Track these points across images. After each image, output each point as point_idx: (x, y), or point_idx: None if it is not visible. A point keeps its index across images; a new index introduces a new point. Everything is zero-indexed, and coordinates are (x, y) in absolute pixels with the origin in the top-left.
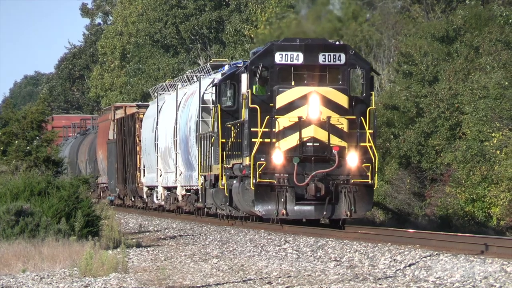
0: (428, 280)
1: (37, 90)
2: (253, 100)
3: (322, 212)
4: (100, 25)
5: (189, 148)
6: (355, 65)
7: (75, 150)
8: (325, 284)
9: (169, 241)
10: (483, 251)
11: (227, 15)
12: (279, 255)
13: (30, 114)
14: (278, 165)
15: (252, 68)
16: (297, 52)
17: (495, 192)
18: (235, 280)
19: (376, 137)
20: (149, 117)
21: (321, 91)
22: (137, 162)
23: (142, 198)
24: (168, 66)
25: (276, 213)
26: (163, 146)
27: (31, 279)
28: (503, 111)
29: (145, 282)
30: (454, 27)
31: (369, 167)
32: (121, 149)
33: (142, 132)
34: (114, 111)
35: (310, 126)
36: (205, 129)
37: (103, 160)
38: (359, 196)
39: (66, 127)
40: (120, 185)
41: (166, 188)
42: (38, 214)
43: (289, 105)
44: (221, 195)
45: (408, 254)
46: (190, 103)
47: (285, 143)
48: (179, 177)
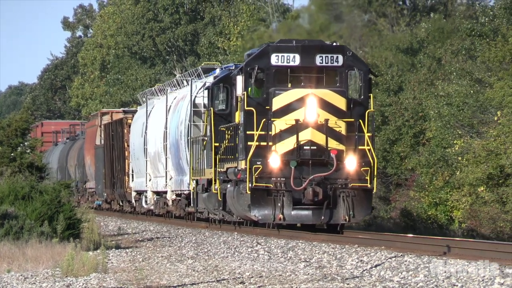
0: (393, 280)
1: (21, 100)
2: (249, 102)
3: (320, 217)
4: (80, 37)
5: (180, 152)
6: (353, 66)
7: (64, 155)
8: (295, 284)
9: (146, 243)
10: (446, 252)
11: (201, 28)
12: (251, 256)
13: (14, 122)
14: (274, 169)
15: (248, 70)
16: (294, 53)
17: (457, 196)
18: (209, 280)
19: (374, 140)
20: (138, 122)
21: (319, 93)
22: (126, 167)
23: (131, 202)
24: (145, 77)
25: (273, 218)
26: (153, 151)
27: (15, 279)
28: (465, 119)
29: (124, 282)
30: (418, 39)
31: (368, 170)
32: (108, 154)
33: (131, 137)
34: (101, 117)
35: (308, 129)
36: (196, 133)
37: (90, 165)
38: (357, 200)
39: (55, 133)
40: (108, 189)
41: (155, 193)
42: (22, 217)
43: (286, 108)
44: (214, 200)
45: (374, 255)
46: (181, 107)
47: (281, 146)
48: (169, 181)
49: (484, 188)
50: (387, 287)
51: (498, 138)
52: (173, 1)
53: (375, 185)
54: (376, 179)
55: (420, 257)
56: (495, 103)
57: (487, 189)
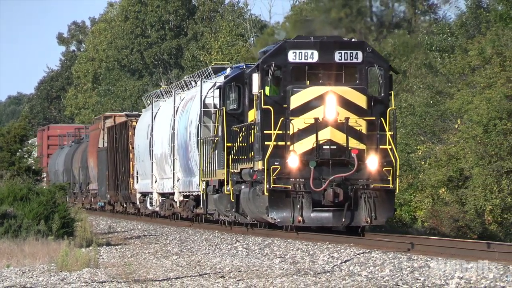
0: (361, 275)
1: (19, 109)
2: (266, 101)
3: (340, 219)
4: (74, 52)
5: (188, 153)
6: (373, 63)
7: (70, 158)
8: (271, 278)
9: (134, 240)
10: (410, 249)
11: (185, 43)
12: (231, 253)
13: (13, 130)
14: (293, 169)
15: (264, 67)
16: (312, 50)
17: (420, 198)
18: (192, 274)
19: (396, 139)
20: (143, 124)
21: (338, 90)
22: (130, 169)
23: (135, 204)
24: (134, 88)
25: (292, 220)
26: (159, 153)
27: (14, 273)
28: (427, 126)
29: (114, 276)
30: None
31: (390, 170)
32: (112, 156)
33: (136, 139)
34: (104, 120)
35: (327, 128)
36: (206, 133)
37: (93, 167)
38: (379, 201)
39: (61, 136)
40: (111, 191)
41: (161, 194)
42: (20, 217)
43: (304, 106)
44: (226, 201)
45: (344, 252)
46: (190, 107)
47: (300, 146)
48: (176, 183)
49: (444, 189)
50: (356, 281)
51: (458, 144)
52: (159, 18)
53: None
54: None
55: (386, 253)
56: (455, 111)
57: (448, 190)
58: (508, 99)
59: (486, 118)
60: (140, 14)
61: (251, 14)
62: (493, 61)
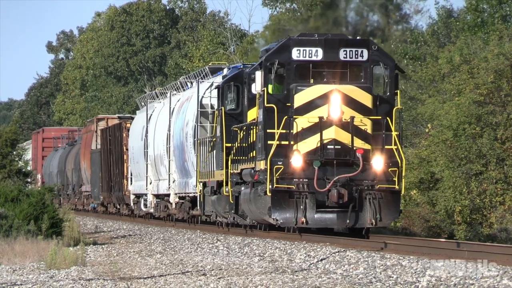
0: (336, 272)
1: (10, 114)
2: (269, 99)
3: (345, 221)
4: (63, 59)
5: (185, 154)
6: (378, 61)
7: (63, 160)
8: (251, 276)
9: (120, 239)
10: (383, 248)
11: (168, 52)
12: (212, 251)
13: (4, 134)
14: (297, 169)
15: (267, 65)
16: (316, 47)
17: None
18: (175, 272)
19: (402, 139)
20: (138, 125)
21: (343, 89)
22: (124, 170)
23: (129, 205)
24: (119, 94)
25: (295, 221)
26: (154, 154)
27: (5, 271)
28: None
29: (101, 274)
30: None
31: (396, 171)
32: (106, 158)
33: (130, 141)
34: (97, 122)
35: (332, 127)
36: (203, 134)
37: (86, 169)
38: (385, 203)
39: (55, 138)
40: (104, 193)
41: (156, 196)
42: (11, 217)
43: (308, 105)
44: (225, 202)
45: (320, 251)
46: (186, 108)
47: (304, 145)
48: (172, 184)
49: (416, 191)
50: (332, 278)
51: (429, 148)
52: (144, 27)
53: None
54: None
55: (361, 252)
56: (426, 117)
57: (419, 192)
58: (476, 104)
59: (455, 123)
60: (126, 24)
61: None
62: (461, 68)
